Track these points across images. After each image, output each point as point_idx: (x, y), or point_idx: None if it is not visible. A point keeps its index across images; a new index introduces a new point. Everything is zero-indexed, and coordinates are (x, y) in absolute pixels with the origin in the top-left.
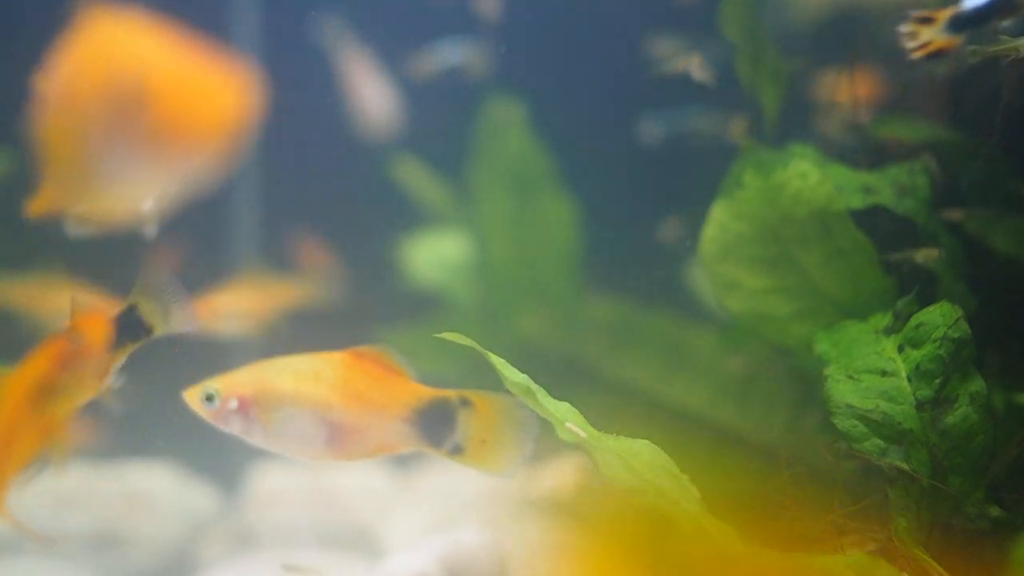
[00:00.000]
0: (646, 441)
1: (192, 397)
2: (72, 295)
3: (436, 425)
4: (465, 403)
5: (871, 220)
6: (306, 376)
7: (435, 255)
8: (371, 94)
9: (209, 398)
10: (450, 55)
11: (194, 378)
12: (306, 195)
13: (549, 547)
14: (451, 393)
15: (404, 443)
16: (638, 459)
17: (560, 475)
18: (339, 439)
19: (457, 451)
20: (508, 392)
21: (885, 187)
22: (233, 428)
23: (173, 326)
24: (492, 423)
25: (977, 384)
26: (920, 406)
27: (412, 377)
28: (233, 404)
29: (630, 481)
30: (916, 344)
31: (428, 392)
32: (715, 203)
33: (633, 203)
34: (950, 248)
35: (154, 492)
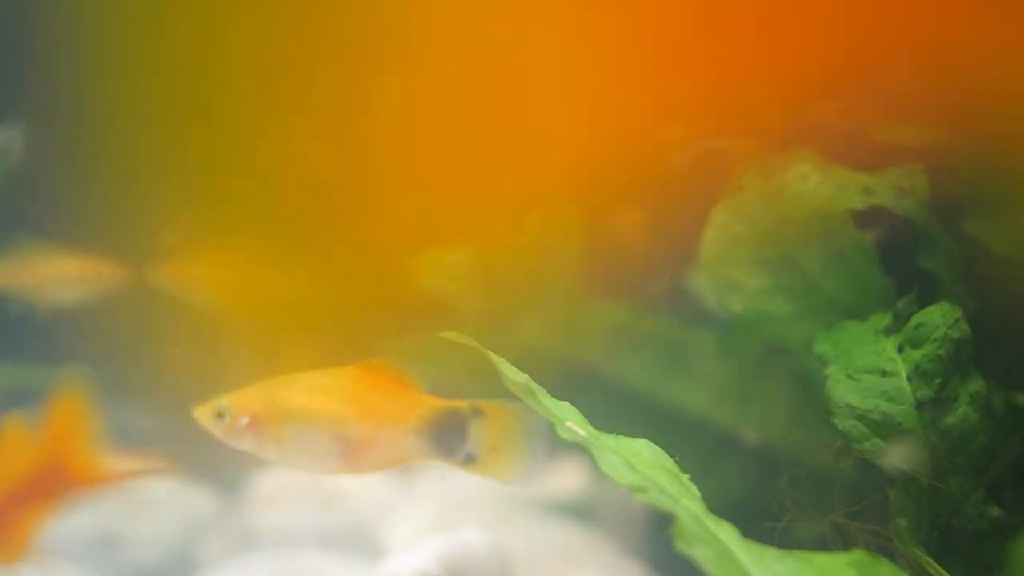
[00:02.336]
0: (646, 440)
1: (203, 414)
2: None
3: (448, 436)
4: (476, 412)
5: (871, 220)
6: (317, 391)
7: (435, 256)
8: None
9: (220, 415)
10: None
11: (193, 377)
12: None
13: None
14: (462, 403)
15: (416, 455)
16: (638, 458)
17: (561, 475)
18: (351, 453)
19: (470, 461)
20: (519, 399)
21: (884, 188)
22: (245, 445)
23: None
24: (504, 431)
25: (977, 384)
26: (920, 406)
27: (423, 388)
28: (244, 420)
29: (631, 479)
30: (916, 344)
31: (439, 403)
32: (716, 205)
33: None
34: (950, 248)
35: (154, 492)
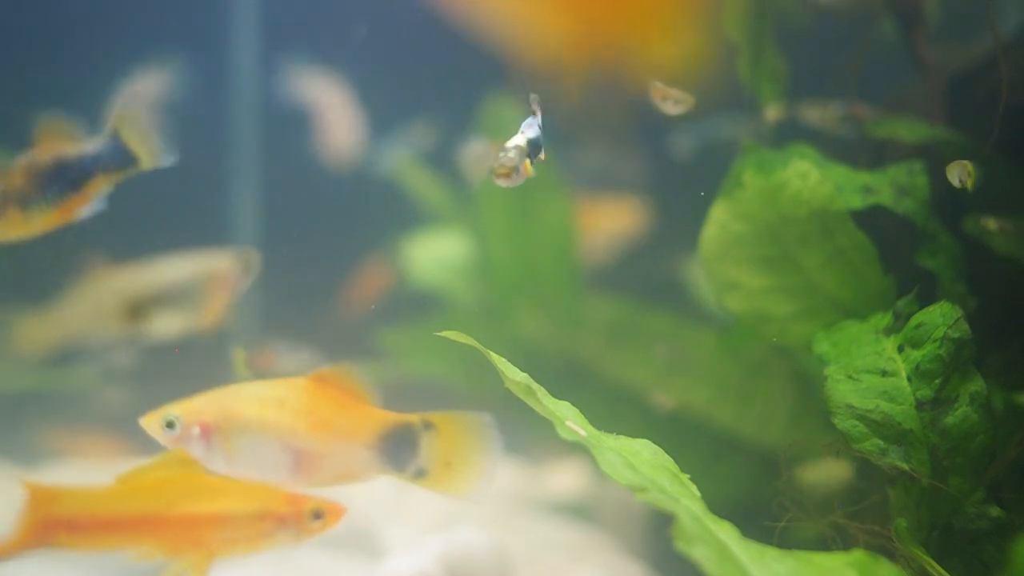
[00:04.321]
0: (646, 440)
1: (151, 423)
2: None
3: (399, 450)
4: (428, 426)
5: (871, 220)
6: (270, 402)
7: (435, 255)
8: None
9: (170, 424)
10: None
11: (194, 378)
12: (305, 194)
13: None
14: (414, 417)
15: (368, 470)
16: (639, 458)
17: (561, 475)
18: (303, 466)
19: (420, 475)
20: (470, 412)
21: (885, 187)
22: (195, 454)
23: (154, 158)
24: (455, 445)
25: (977, 384)
26: (920, 406)
27: (375, 400)
28: (195, 431)
29: (631, 479)
30: (916, 344)
31: (391, 417)
32: (715, 203)
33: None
34: (950, 248)
35: None
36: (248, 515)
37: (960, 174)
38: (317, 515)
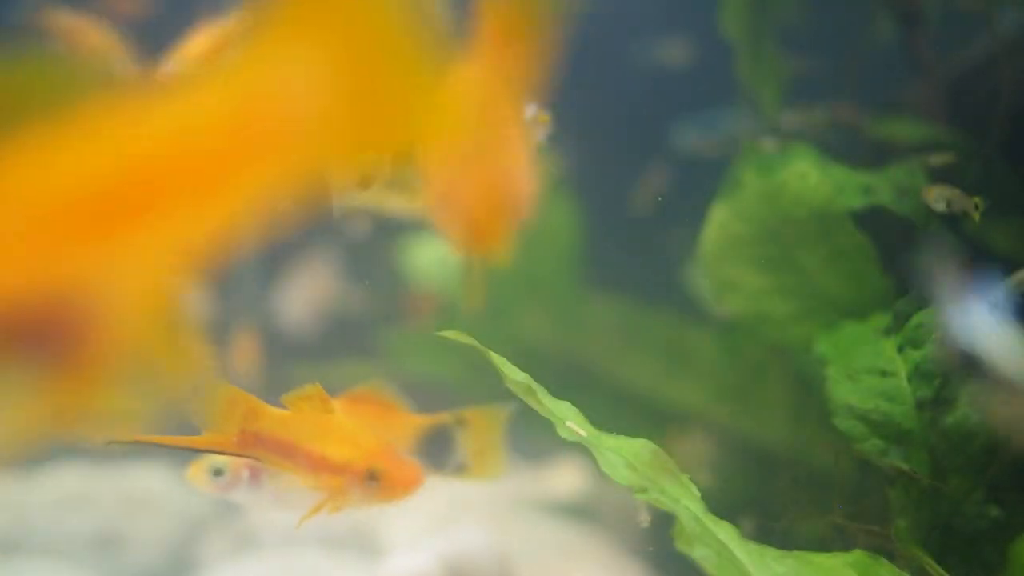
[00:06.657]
0: (646, 440)
1: (197, 475)
2: None
3: (438, 450)
4: (460, 422)
5: (871, 220)
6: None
7: (435, 255)
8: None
9: (218, 472)
10: None
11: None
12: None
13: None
14: (447, 416)
15: None
16: (639, 458)
17: (561, 475)
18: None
19: (460, 470)
20: (493, 404)
21: (885, 187)
22: (243, 499)
23: None
24: (486, 436)
25: (976, 384)
26: (920, 406)
27: (407, 407)
28: (245, 474)
29: (631, 479)
30: (916, 344)
31: (426, 421)
32: (715, 203)
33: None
34: (949, 248)
35: (154, 492)
36: (336, 465)
37: (944, 198)
38: (372, 476)
